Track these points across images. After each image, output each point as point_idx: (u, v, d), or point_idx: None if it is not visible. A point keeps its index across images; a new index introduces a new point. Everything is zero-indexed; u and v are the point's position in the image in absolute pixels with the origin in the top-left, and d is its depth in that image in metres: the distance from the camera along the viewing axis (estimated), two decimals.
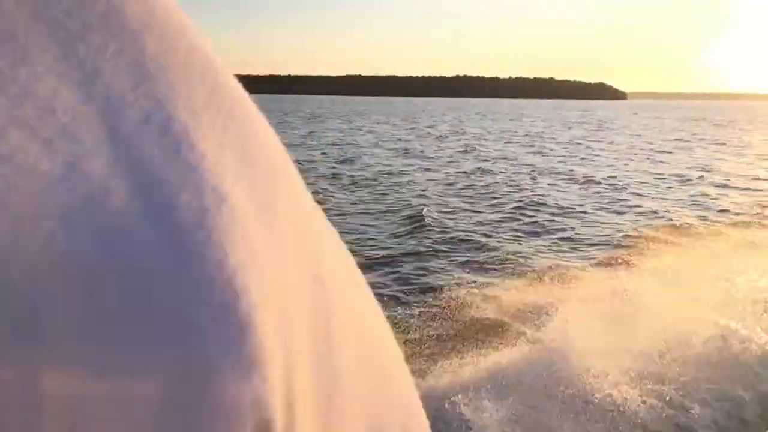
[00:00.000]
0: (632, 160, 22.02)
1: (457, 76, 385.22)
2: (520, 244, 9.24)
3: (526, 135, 36.66)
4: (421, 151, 23.86)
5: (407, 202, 12.33)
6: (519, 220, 11.03)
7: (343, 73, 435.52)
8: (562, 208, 12.32)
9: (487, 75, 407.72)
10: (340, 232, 0.27)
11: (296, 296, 0.22)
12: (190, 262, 0.19)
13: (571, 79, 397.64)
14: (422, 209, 11.28)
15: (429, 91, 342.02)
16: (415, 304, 6.31)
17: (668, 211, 11.88)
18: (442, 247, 8.85)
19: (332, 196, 13.11)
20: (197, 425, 0.18)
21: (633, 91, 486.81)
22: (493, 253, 8.47)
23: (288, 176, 0.23)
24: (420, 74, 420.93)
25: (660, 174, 18.04)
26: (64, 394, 0.17)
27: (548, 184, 15.78)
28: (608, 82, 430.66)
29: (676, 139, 33.65)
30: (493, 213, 11.68)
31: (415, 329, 5.53)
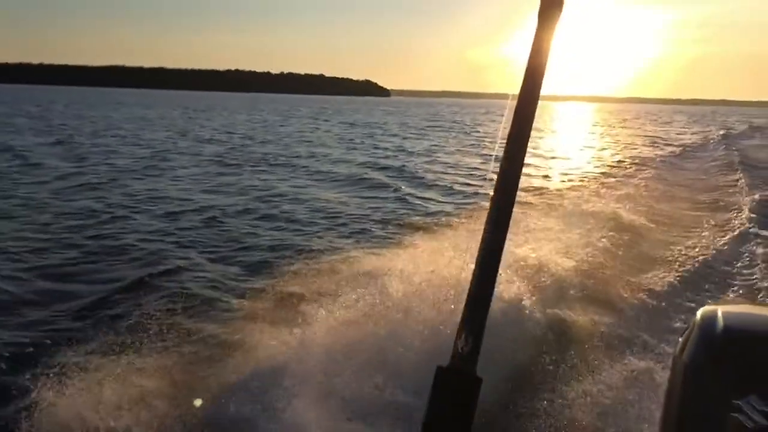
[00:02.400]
0: None
1: (229, 71, 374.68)
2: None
3: None
4: None
5: None
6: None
7: (106, 64, 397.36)
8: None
9: (258, 70, 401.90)
10: None
11: None
12: None
13: (340, 77, 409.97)
14: None
15: (198, 84, 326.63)
16: None
17: None
18: None
19: None
20: None
21: (396, 89, 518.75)
22: None
23: None
24: (192, 67, 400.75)
25: None
26: None
27: None
28: (374, 79, 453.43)
29: None
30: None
31: None
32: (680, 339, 1.28)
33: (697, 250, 8.04)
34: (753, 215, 10.25)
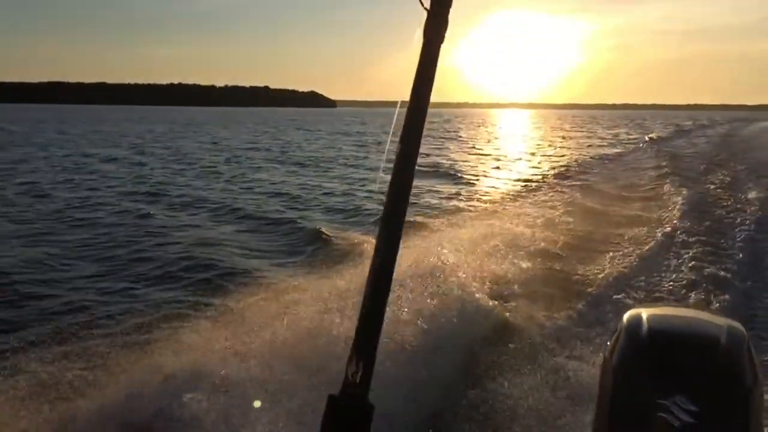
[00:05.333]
0: None
1: (172, 84, 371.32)
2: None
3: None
4: None
5: None
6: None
7: (43, 80, 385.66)
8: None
9: (203, 83, 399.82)
10: None
11: None
12: None
13: (285, 88, 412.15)
14: None
15: (142, 99, 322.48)
16: None
17: None
18: None
19: None
20: None
21: (341, 99, 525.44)
22: None
23: None
24: (135, 82, 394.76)
25: None
26: None
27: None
28: (319, 91, 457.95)
29: None
30: None
31: None
32: (608, 342, 1.32)
33: (625, 253, 8.22)
34: (681, 218, 10.47)
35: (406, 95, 1.04)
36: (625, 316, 1.33)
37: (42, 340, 5.44)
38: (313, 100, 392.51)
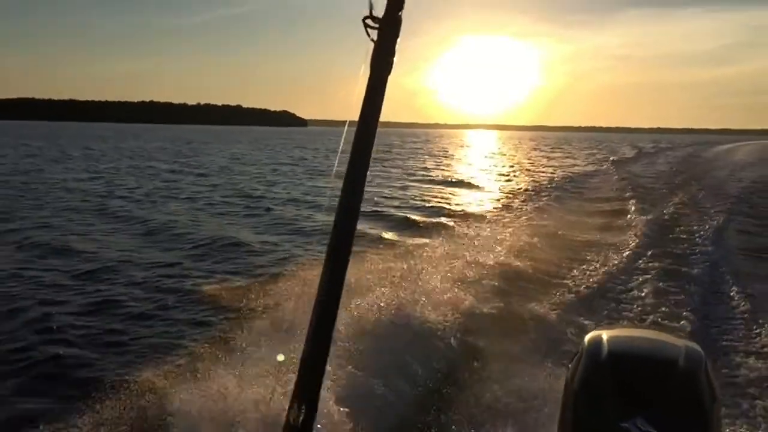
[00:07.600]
0: None
1: (144, 102, 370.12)
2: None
3: None
4: None
5: None
6: None
7: (10, 96, 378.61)
8: None
9: (175, 101, 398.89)
10: None
11: None
12: None
13: (258, 107, 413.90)
14: None
15: (113, 116, 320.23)
16: None
17: None
18: None
19: None
20: None
21: (312, 119, 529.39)
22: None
23: None
24: (105, 99, 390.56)
25: None
26: None
27: None
28: (291, 110, 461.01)
29: None
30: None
31: None
32: (570, 365, 1.33)
33: (587, 274, 8.40)
34: (642, 239, 10.69)
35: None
36: (586, 338, 1.34)
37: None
38: (285, 119, 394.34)
